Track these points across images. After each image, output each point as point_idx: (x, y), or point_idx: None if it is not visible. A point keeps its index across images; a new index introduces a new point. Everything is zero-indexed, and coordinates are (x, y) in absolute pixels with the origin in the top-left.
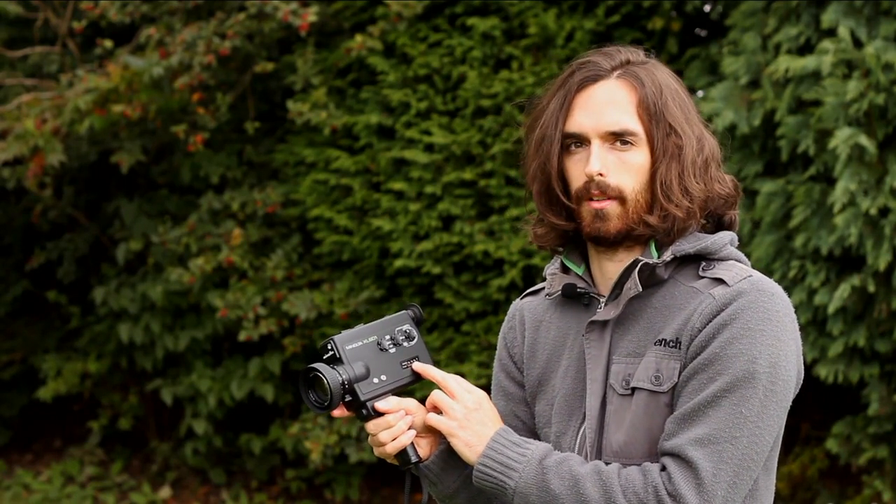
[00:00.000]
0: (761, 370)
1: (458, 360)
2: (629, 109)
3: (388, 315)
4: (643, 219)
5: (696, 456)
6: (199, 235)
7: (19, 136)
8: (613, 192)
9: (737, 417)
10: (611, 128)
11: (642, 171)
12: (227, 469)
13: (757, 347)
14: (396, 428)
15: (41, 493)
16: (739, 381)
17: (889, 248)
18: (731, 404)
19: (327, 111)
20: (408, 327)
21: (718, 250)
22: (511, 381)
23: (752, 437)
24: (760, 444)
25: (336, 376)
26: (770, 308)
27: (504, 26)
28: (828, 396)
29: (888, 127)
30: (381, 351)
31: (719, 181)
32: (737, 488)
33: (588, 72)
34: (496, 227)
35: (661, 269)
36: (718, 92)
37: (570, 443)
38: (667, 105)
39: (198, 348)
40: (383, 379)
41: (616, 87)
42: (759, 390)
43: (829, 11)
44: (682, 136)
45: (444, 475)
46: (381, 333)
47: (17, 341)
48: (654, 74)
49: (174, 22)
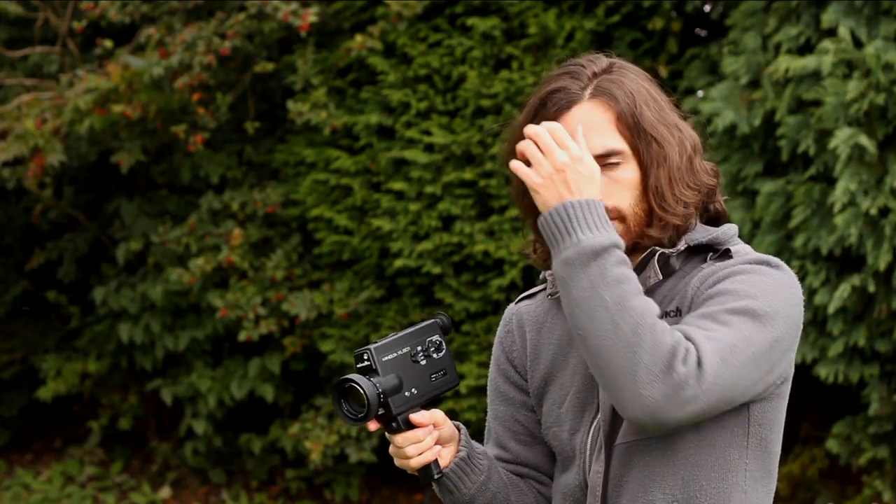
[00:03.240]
0: (761, 310)
1: (458, 360)
2: (609, 129)
3: (418, 324)
4: (645, 232)
5: (700, 340)
6: (199, 235)
7: (19, 136)
8: (613, 214)
9: (738, 332)
10: (595, 151)
11: (634, 185)
12: (227, 469)
13: (757, 288)
14: (424, 443)
15: (41, 493)
16: (738, 311)
17: (889, 248)
18: (732, 323)
19: (327, 111)
20: (437, 338)
21: (728, 240)
22: (511, 385)
23: (745, 353)
24: (748, 373)
25: (374, 388)
26: (771, 273)
27: (504, 26)
28: (828, 396)
29: (888, 127)
30: (414, 363)
31: (705, 172)
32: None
33: (560, 100)
34: (496, 227)
35: (673, 259)
36: (718, 92)
37: (583, 437)
38: (642, 114)
39: (198, 348)
40: (414, 392)
41: (591, 109)
42: (757, 327)
43: (830, 11)
44: (663, 143)
45: (461, 482)
46: (414, 344)
47: (17, 341)
48: (623, 83)
49: (174, 22)
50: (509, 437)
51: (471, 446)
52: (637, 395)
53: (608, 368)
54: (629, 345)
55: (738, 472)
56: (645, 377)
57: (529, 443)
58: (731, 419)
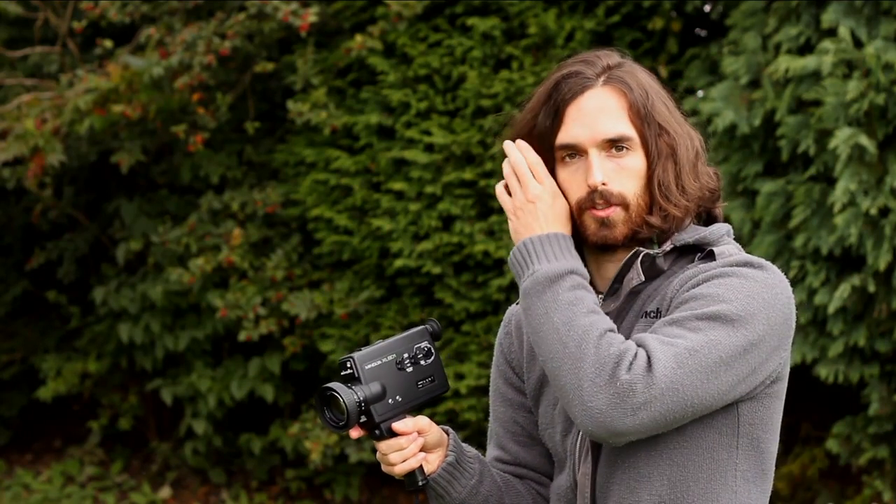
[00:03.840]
0: (732, 313)
1: (458, 360)
2: (621, 115)
3: (408, 331)
4: (646, 220)
5: (653, 346)
6: (199, 235)
7: (19, 136)
8: (617, 200)
9: (703, 336)
10: (607, 135)
11: (640, 174)
12: (227, 469)
13: (733, 291)
14: (407, 450)
15: (41, 493)
16: (707, 316)
17: (889, 248)
18: (700, 329)
19: (327, 111)
20: (426, 344)
21: (716, 241)
22: (510, 386)
23: (708, 357)
24: (717, 377)
25: (353, 396)
26: (753, 275)
27: (504, 26)
28: (828, 396)
29: (888, 127)
30: (399, 370)
31: (707, 175)
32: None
33: (575, 84)
34: (496, 227)
35: (660, 259)
36: (718, 92)
37: (573, 439)
38: (654, 106)
39: (198, 348)
40: (399, 400)
41: (605, 94)
42: (727, 331)
43: (830, 11)
44: (673, 136)
45: (451, 486)
46: (400, 351)
47: (17, 341)
48: (636, 77)
49: (174, 22)
50: (509, 439)
51: (460, 450)
52: (584, 406)
53: (561, 388)
54: (574, 360)
55: (727, 473)
56: (589, 388)
57: (528, 444)
58: (719, 419)
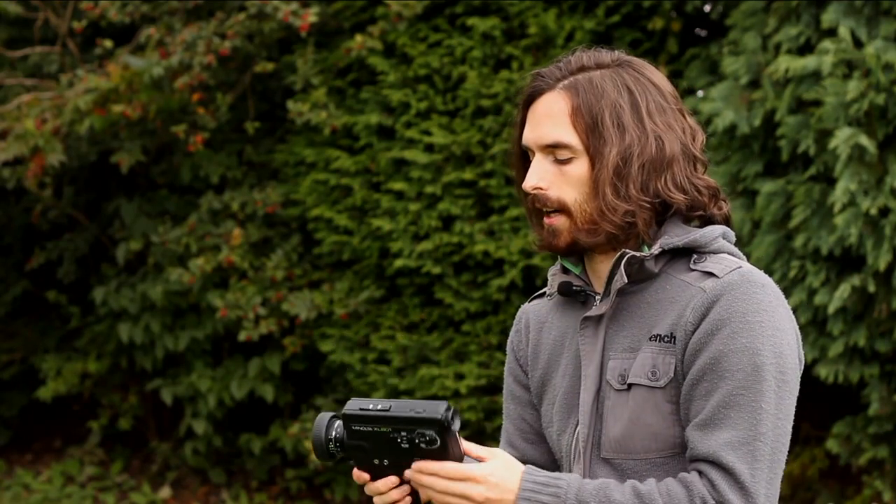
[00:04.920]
0: (768, 362)
1: (458, 360)
2: (564, 121)
3: (417, 410)
4: (591, 229)
5: (731, 460)
6: (199, 235)
7: (19, 136)
8: (554, 206)
9: (758, 413)
10: (544, 141)
11: (584, 182)
12: (227, 469)
13: (759, 339)
14: (386, 496)
15: (41, 493)
16: (749, 378)
17: (889, 248)
18: (748, 401)
19: (327, 111)
20: (432, 434)
21: (709, 243)
22: (518, 384)
23: (776, 429)
24: (784, 434)
25: (324, 436)
26: (763, 299)
27: (504, 26)
28: (828, 396)
29: (888, 127)
30: (392, 440)
31: (678, 185)
32: (774, 483)
33: (536, 85)
34: (496, 227)
35: (650, 262)
36: (718, 92)
37: (569, 440)
38: (603, 113)
39: (198, 348)
40: (385, 463)
41: (555, 99)
42: (770, 382)
43: (830, 11)
44: (609, 143)
45: None
46: (399, 429)
47: (17, 341)
48: (603, 80)
49: (174, 22)
50: (518, 436)
51: None
52: None
53: None
54: None
55: None
56: None
57: (536, 441)
58: None
